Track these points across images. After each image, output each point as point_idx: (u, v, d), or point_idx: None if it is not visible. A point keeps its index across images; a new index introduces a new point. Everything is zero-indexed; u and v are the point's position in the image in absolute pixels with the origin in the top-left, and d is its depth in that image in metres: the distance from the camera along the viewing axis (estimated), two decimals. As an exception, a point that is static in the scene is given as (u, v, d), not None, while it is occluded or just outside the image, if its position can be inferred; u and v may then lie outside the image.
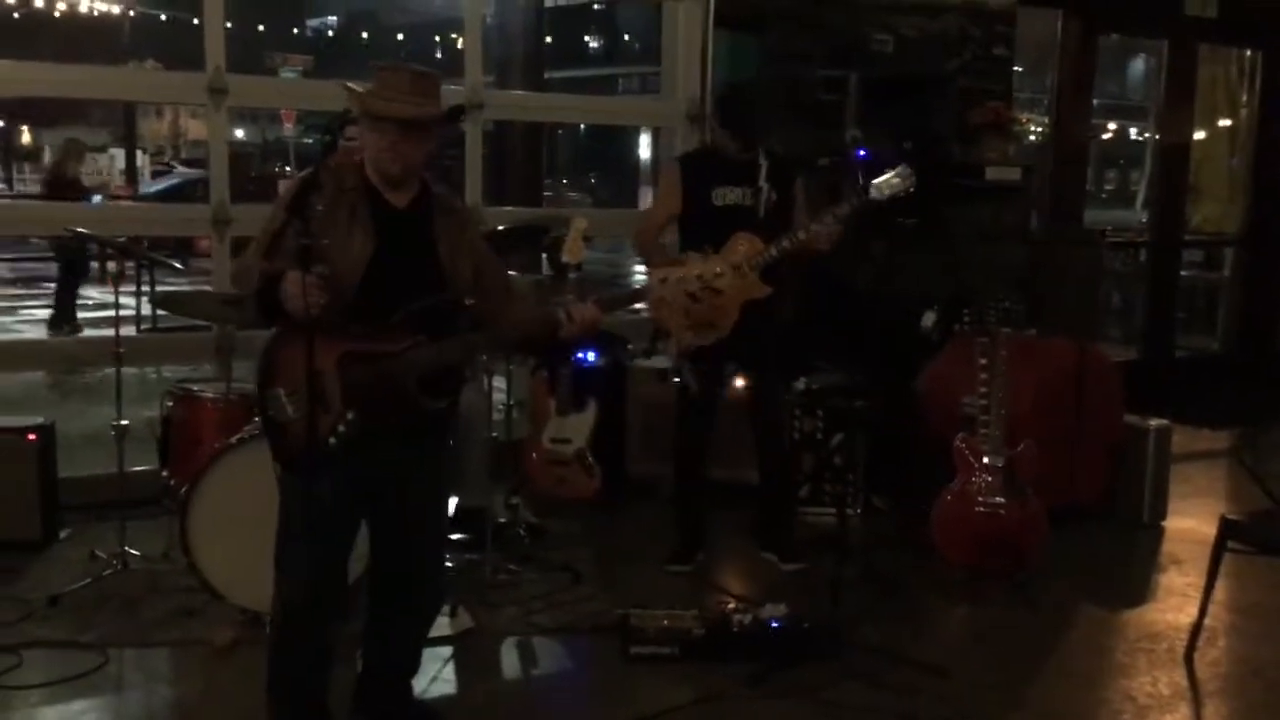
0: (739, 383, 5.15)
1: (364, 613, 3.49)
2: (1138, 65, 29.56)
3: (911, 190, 4.68)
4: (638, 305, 4.91)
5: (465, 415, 5.30)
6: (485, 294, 3.29)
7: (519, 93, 9.14)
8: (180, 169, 28.19)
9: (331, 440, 3.09)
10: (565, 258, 5.67)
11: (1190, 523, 5.84)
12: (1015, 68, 7.72)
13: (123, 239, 4.96)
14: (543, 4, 11.34)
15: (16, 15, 18.53)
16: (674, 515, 5.18)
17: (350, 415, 3.08)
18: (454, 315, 3.20)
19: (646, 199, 28.83)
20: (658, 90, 7.34)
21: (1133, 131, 32.34)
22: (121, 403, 4.72)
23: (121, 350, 4.68)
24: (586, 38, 35.48)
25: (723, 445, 5.32)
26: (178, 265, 5.05)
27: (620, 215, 7.51)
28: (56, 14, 19.72)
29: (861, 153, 5.56)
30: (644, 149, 36.66)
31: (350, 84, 3.19)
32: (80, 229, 4.81)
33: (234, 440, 4.19)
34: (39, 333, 11.64)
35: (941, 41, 7.27)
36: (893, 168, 4.70)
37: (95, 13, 20.86)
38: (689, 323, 4.84)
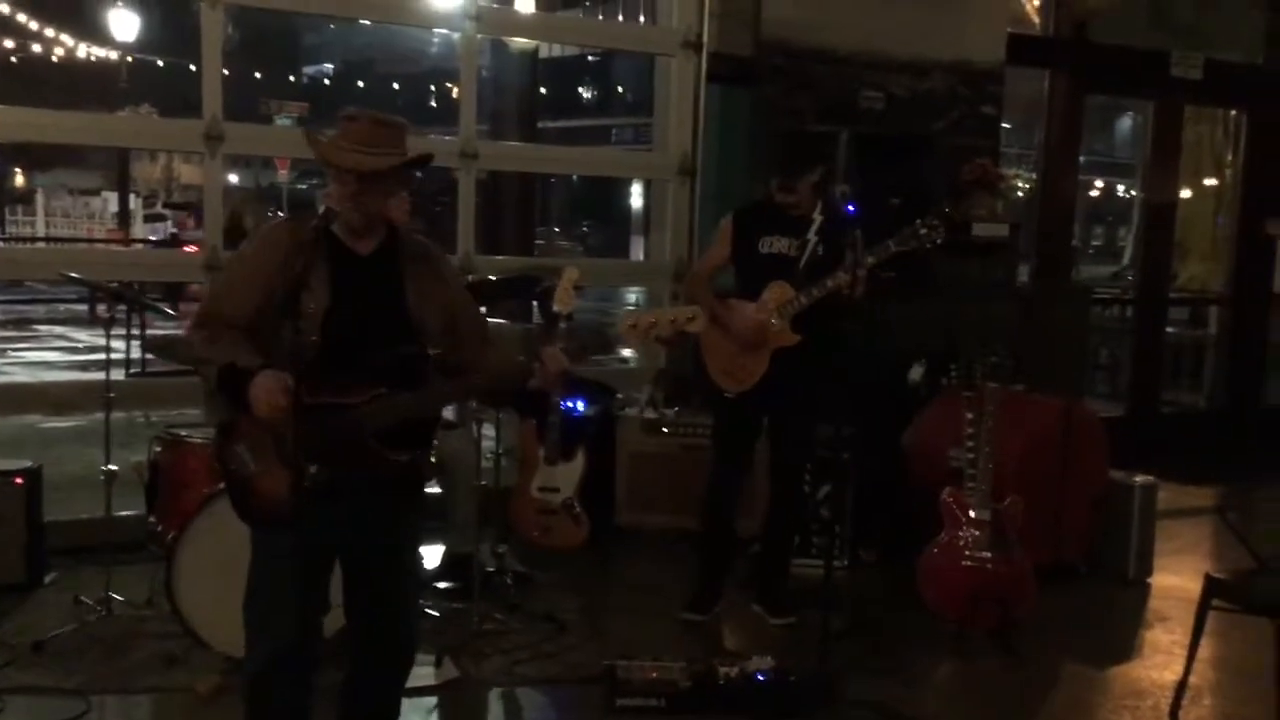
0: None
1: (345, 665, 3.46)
2: (1125, 123, 29.91)
3: (939, 242, 4.74)
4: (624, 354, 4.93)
5: (452, 463, 5.33)
6: (460, 341, 3.22)
7: (513, 144, 9.22)
8: (169, 212, 28.34)
9: (294, 495, 3.03)
10: (556, 307, 5.72)
11: (1176, 579, 5.85)
12: (1003, 125, 7.82)
13: (114, 284, 4.96)
14: (537, 56, 11.44)
15: (15, 60, 18.65)
16: (697, 564, 5.14)
17: (313, 469, 3.02)
18: (419, 366, 3.12)
19: (638, 248, 29.00)
20: (650, 141, 7.43)
21: (1119, 188, 32.69)
22: (110, 447, 4.71)
23: (112, 394, 4.69)
24: (580, 89, 35.81)
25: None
26: (170, 310, 5.05)
27: (612, 265, 7.58)
28: (54, 59, 19.86)
29: (851, 208, 5.62)
30: (636, 198, 36.96)
31: (312, 133, 3.20)
32: (74, 274, 4.82)
33: (222, 487, 4.17)
34: (29, 375, 11.61)
35: (931, 99, 7.37)
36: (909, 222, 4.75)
37: (93, 58, 21.00)
38: (722, 367, 4.90)
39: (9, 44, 18.54)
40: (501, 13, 7.04)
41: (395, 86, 33.73)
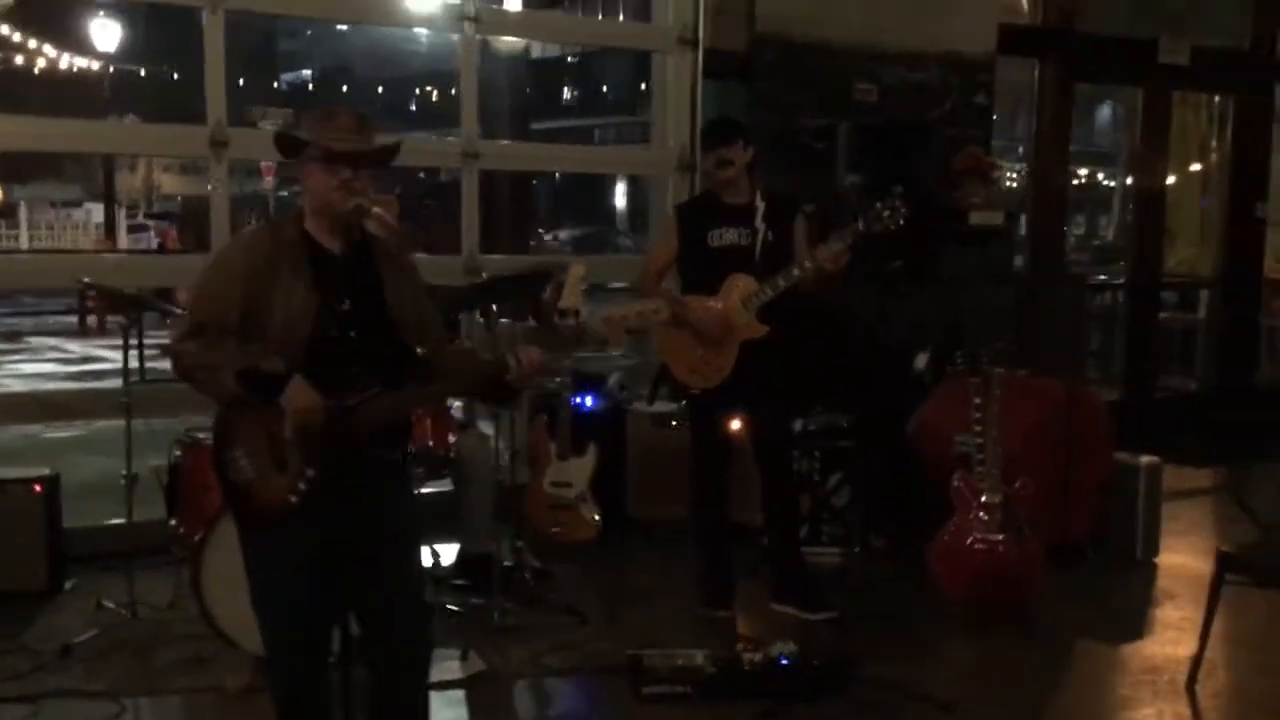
0: (735, 424, 5.16)
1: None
2: (1104, 112, 30.07)
3: (903, 223, 4.75)
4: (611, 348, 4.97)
5: (467, 462, 5.36)
6: (426, 338, 3.22)
7: (514, 143, 9.28)
8: (152, 222, 28.27)
9: (292, 499, 3.06)
10: (564, 304, 5.77)
11: (1182, 558, 5.94)
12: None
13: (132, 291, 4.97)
14: (528, 56, 11.49)
15: (-4, 72, 18.62)
16: (698, 561, 5.13)
17: (310, 472, 3.04)
18: (409, 364, 3.14)
19: (623, 246, 29.06)
20: (634, 140, 7.48)
21: (1100, 176, 32.86)
22: (122, 453, 4.74)
23: (129, 400, 4.72)
24: (562, 90, 35.85)
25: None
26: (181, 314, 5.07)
27: (617, 261, 7.61)
28: (36, 70, 19.79)
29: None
30: (620, 198, 37.04)
31: (291, 130, 3.21)
32: (88, 280, 4.85)
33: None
34: (24, 385, 11.59)
35: (923, 90, 7.45)
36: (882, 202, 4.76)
37: (75, 69, 20.94)
38: (688, 366, 4.93)
39: (-9, 58, 18.50)
40: (499, 13, 7.08)
41: (380, 90, 33.70)
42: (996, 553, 4.94)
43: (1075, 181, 31.35)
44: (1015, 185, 9.82)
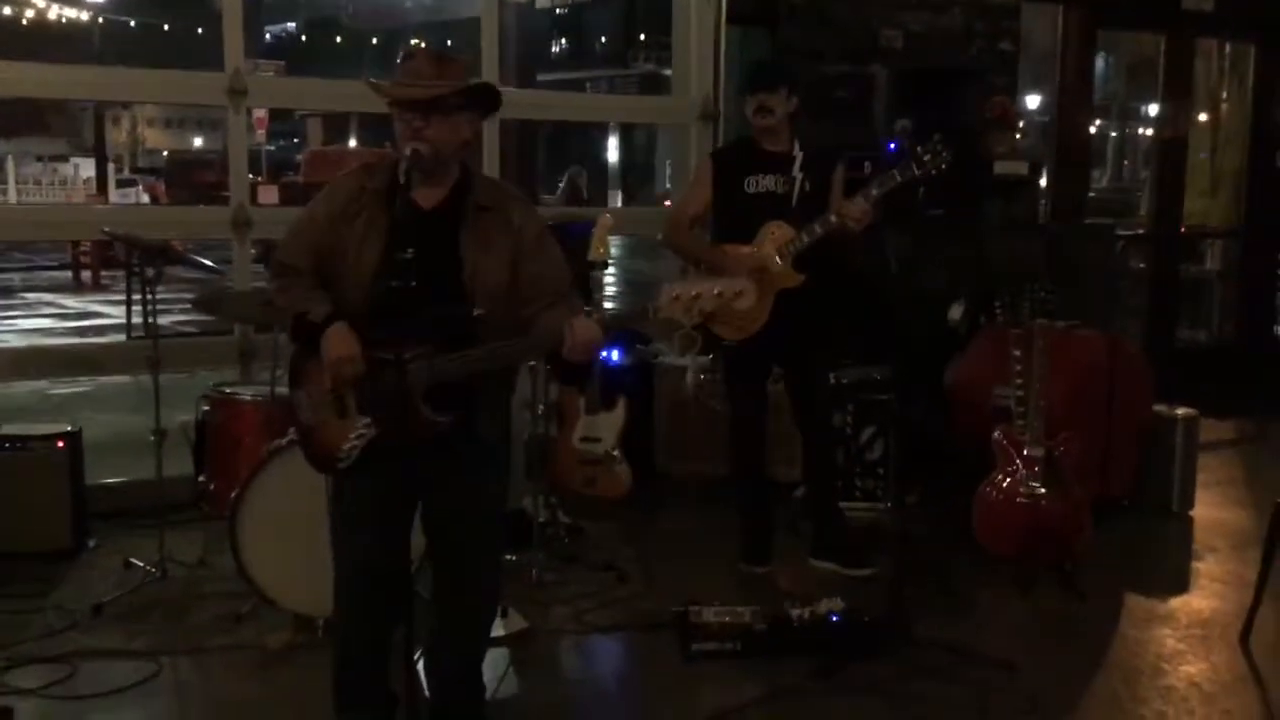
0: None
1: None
2: (1097, 64, 29.88)
3: (944, 167, 4.63)
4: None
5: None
6: (521, 298, 3.08)
7: (535, 91, 9.09)
8: (139, 177, 27.98)
9: (347, 447, 3.05)
10: (592, 255, 5.65)
11: (1217, 511, 5.89)
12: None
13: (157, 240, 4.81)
14: (534, 7, 11.28)
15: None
16: (738, 515, 5.05)
17: (363, 421, 3.03)
18: (465, 327, 3.01)
19: (616, 200, 28.81)
20: (624, 92, 7.32)
21: (1092, 128, 32.65)
22: (159, 408, 4.62)
23: (156, 354, 4.59)
24: (552, 42, 35.43)
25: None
26: (215, 267, 4.95)
27: (643, 213, 7.44)
28: (24, 21, 19.45)
29: (892, 145, 5.55)
30: (612, 152, 36.72)
31: (371, 80, 3.15)
32: (112, 230, 4.70)
33: (285, 441, 4.09)
34: (23, 340, 11.41)
35: (948, 35, 7.30)
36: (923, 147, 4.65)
37: (63, 19, 20.58)
38: (721, 316, 4.80)
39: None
40: (520, -43, 6.90)
41: (374, 41, 33.30)
42: (1040, 506, 4.86)
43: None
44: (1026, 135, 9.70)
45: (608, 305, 3.81)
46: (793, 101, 4.77)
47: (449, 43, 21.36)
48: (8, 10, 19.06)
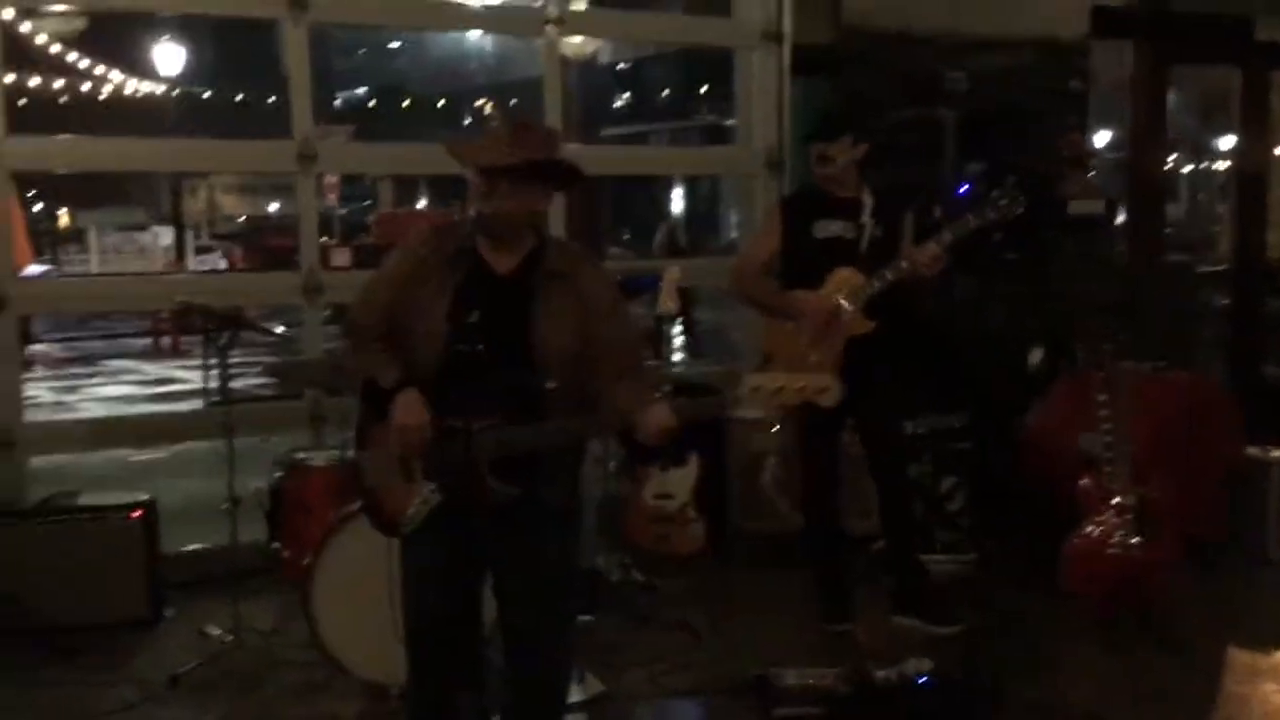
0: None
1: None
2: (1169, 98, 29.45)
3: (1019, 212, 4.54)
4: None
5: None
6: (592, 367, 3.00)
7: (602, 147, 9.13)
8: (217, 243, 28.57)
9: (411, 512, 3.00)
10: (661, 309, 5.60)
11: (1317, 557, 5.65)
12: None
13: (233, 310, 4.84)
14: (595, 63, 11.35)
15: (65, 98, 18.80)
16: (813, 572, 4.94)
17: (429, 488, 2.98)
18: (536, 398, 2.95)
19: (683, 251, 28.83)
20: (688, 144, 7.29)
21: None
22: (233, 475, 4.63)
23: (229, 420, 4.61)
24: (615, 97, 35.68)
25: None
26: (283, 334, 4.98)
27: (709, 264, 7.36)
28: (102, 96, 20.03)
29: (962, 189, 5.45)
30: (677, 202, 36.80)
31: (451, 141, 3.16)
32: (185, 300, 4.74)
33: (356, 507, 4.05)
34: (102, 410, 11.60)
35: (1014, 76, 7.19)
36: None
37: (139, 94, 21.16)
38: (792, 365, 4.71)
39: (59, 84, 18.68)
40: (581, 14, 6.91)
41: (440, 104, 33.82)
42: (1133, 556, 4.69)
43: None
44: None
45: (677, 364, 3.73)
46: (859, 149, 4.71)
47: (513, 102, 21.58)
48: (87, 86, 19.60)
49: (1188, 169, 30.08)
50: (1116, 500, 4.74)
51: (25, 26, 15.02)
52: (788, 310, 4.68)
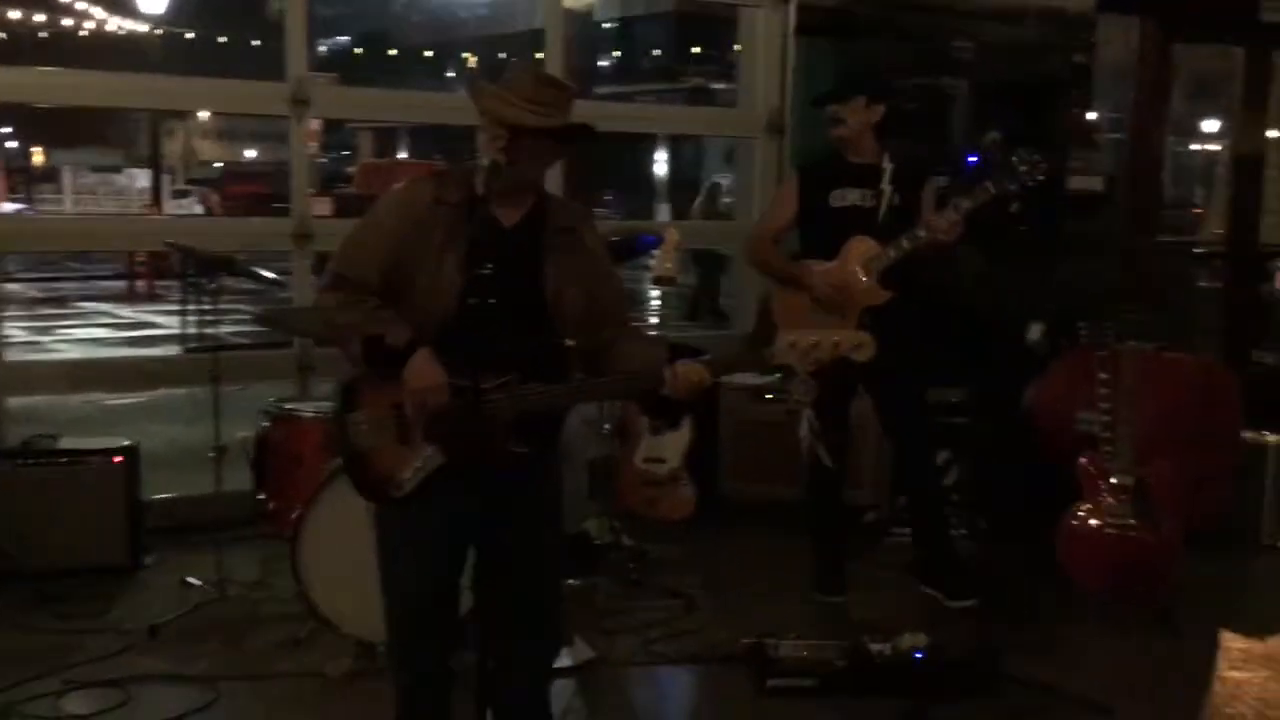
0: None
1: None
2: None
3: (1040, 179, 4.45)
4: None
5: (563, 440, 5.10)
6: (596, 321, 2.93)
7: (605, 103, 8.98)
8: (193, 187, 28.21)
9: (407, 475, 2.84)
10: (658, 272, 5.49)
11: (1311, 543, 5.63)
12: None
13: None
14: (590, 20, 11.17)
15: (46, 34, 18.45)
16: (811, 542, 4.88)
17: (429, 451, 2.82)
18: (555, 356, 2.85)
19: (663, 215, 28.66)
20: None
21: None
22: (220, 422, 4.51)
23: (216, 368, 4.48)
24: (601, 56, 35.36)
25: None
26: (278, 280, 4.85)
27: (708, 226, 7.24)
28: (83, 32, 19.66)
29: (972, 158, 5.36)
30: (660, 165, 36.56)
31: (478, 82, 2.96)
32: (175, 242, 4.61)
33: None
34: (78, 352, 11.43)
35: (1022, 48, 7.09)
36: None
37: (122, 30, 20.79)
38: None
39: (40, 18, 18.33)
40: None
41: (428, 54, 33.42)
42: (1130, 538, 4.64)
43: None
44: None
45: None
46: (874, 110, 4.61)
47: (501, 55, 21.31)
48: (68, 21, 19.24)
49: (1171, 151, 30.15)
50: (1114, 480, 4.68)
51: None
52: (799, 281, 4.61)
